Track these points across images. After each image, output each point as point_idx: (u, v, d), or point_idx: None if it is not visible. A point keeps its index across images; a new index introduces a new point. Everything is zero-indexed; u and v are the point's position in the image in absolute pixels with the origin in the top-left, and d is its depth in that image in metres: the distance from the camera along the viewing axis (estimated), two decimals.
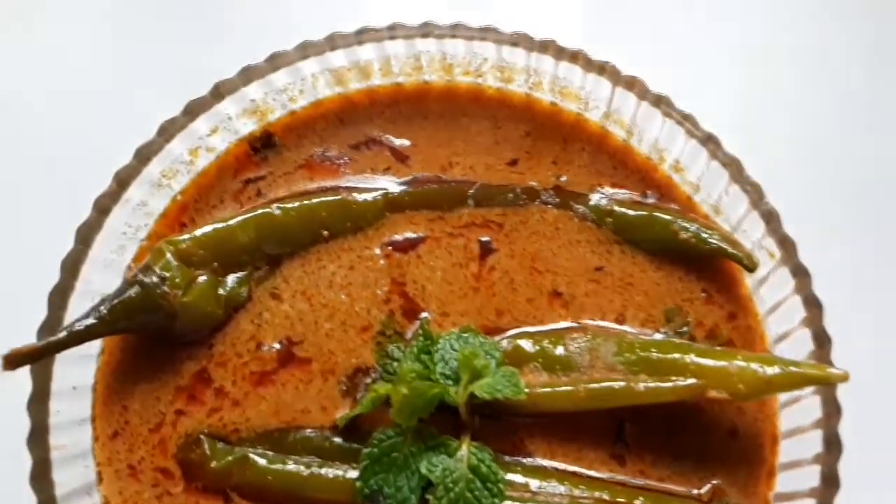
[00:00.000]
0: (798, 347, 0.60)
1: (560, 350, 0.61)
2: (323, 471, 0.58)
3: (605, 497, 0.57)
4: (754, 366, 0.56)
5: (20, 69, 0.81)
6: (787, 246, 0.61)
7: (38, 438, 0.54)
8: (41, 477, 0.53)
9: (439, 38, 0.65)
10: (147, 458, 0.59)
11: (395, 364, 0.61)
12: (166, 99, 0.61)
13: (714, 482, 0.59)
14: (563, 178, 0.67)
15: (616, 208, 0.65)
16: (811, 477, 0.56)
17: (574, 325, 0.63)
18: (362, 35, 0.65)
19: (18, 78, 0.81)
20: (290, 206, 0.64)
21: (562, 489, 0.57)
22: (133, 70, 0.80)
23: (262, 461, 0.58)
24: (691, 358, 0.57)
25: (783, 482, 0.59)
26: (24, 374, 0.56)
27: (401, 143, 0.68)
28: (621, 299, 0.64)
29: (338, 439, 0.60)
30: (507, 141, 0.68)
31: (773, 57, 0.84)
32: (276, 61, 0.64)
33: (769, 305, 0.62)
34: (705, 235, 0.63)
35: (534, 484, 0.58)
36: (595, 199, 0.66)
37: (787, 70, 0.84)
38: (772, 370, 0.56)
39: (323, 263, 0.64)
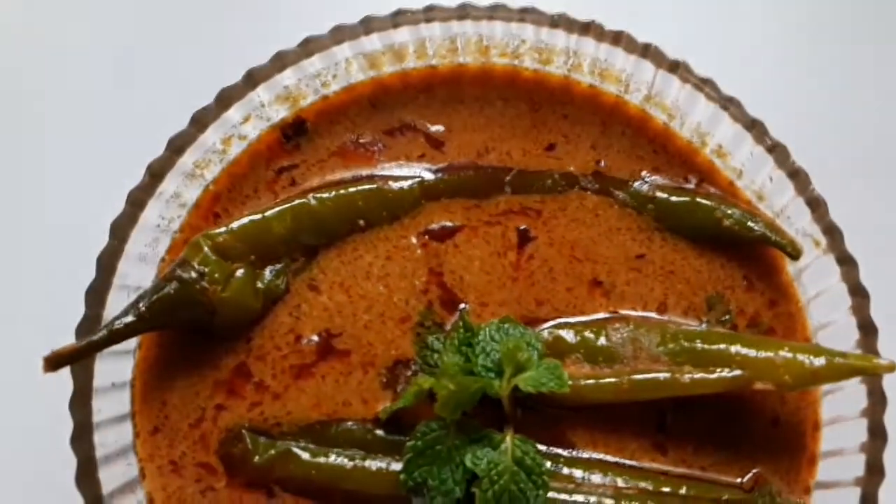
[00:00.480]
0: (841, 336, 0.60)
1: (602, 340, 0.60)
2: (366, 463, 0.59)
3: (649, 487, 0.58)
4: (801, 357, 0.56)
5: (51, 60, 0.79)
6: (833, 234, 0.60)
7: (82, 438, 0.54)
8: (87, 476, 0.54)
9: (476, 19, 0.63)
10: (189, 453, 0.59)
11: (436, 356, 0.61)
12: (198, 88, 0.59)
13: (756, 470, 0.60)
14: (603, 164, 0.66)
15: (658, 194, 0.65)
16: (854, 466, 0.57)
17: (615, 314, 0.62)
18: (398, 18, 0.63)
19: (49, 70, 0.79)
20: (325, 195, 0.63)
21: (605, 480, 0.58)
22: (165, 59, 0.78)
23: (304, 455, 0.59)
24: (737, 349, 0.57)
25: (824, 470, 0.60)
26: (62, 372, 0.56)
27: (435, 128, 0.66)
28: (663, 287, 0.63)
29: (380, 432, 0.60)
30: (545, 125, 0.67)
31: (826, 41, 0.82)
32: (309, 46, 0.62)
33: (811, 294, 0.62)
34: (749, 222, 0.62)
35: (577, 475, 0.58)
36: (636, 185, 0.65)
37: (838, 54, 0.81)
38: (818, 361, 0.56)
39: (360, 253, 0.64)
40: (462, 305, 0.63)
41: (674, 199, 0.64)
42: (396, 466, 0.58)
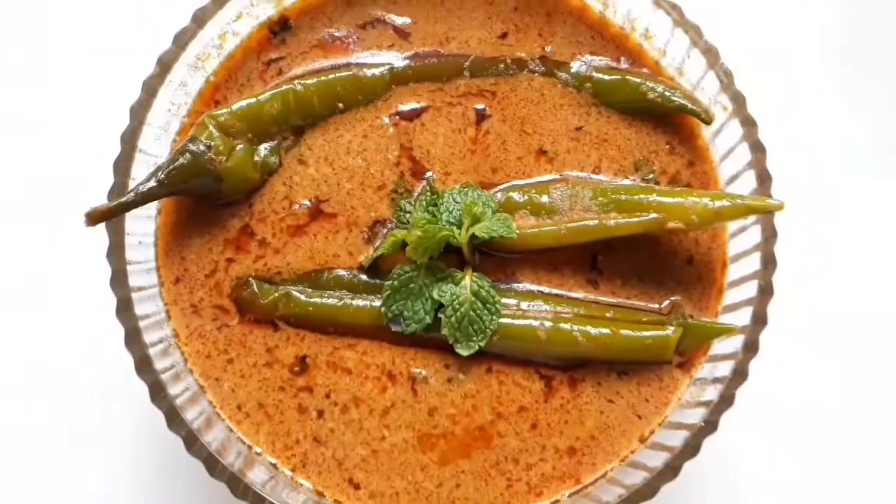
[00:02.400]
0: (745, 186, 0.70)
1: (545, 198, 0.72)
2: (353, 301, 0.70)
3: (582, 312, 0.70)
4: (705, 200, 0.67)
5: None
6: (738, 100, 0.70)
7: (119, 280, 0.65)
8: (125, 310, 0.65)
9: None
10: (206, 298, 0.71)
11: (408, 215, 0.72)
12: None
13: (673, 298, 0.72)
14: (548, 49, 0.76)
15: (594, 74, 0.74)
16: (751, 290, 0.69)
17: (557, 177, 0.73)
18: None
19: None
20: (308, 82, 0.72)
21: (546, 307, 0.70)
22: None
23: (302, 296, 0.70)
24: (653, 197, 0.68)
25: (729, 297, 0.71)
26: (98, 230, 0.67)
27: (402, 21, 0.75)
28: (597, 154, 0.74)
29: (363, 276, 0.71)
30: (498, 16, 0.76)
31: None
32: None
33: (722, 153, 0.72)
34: (669, 94, 0.72)
35: (524, 305, 0.70)
36: (576, 66, 0.75)
37: None
38: (720, 203, 0.67)
39: (340, 133, 0.74)
40: (429, 174, 0.73)
41: (607, 77, 0.74)
42: (377, 303, 0.70)
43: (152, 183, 0.66)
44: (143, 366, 0.64)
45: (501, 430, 0.69)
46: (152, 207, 0.70)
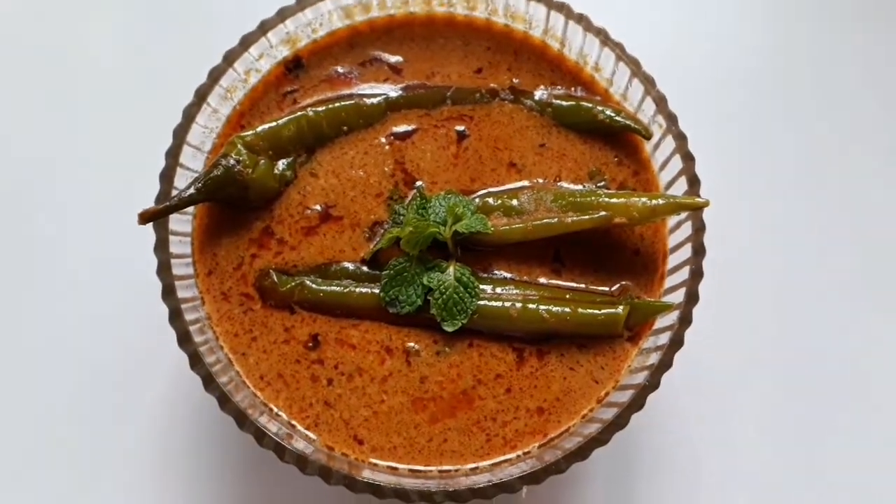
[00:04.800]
0: (680, 189, 0.84)
1: (515, 202, 0.83)
2: (357, 289, 0.81)
3: (547, 295, 0.82)
4: (644, 199, 0.80)
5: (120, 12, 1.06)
6: (671, 119, 0.82)
7: (165, 270, 0.77)
8: (170, 294, 0.77)
9: None
10: (234, 287, 0.83)
11: (401, 217, 0.82)
12: (228, 35, 0.83)
13: (623, 283, 0.84)
14: (516, 81, 0.88)
15: (554, 101, 0.87)
16: (685, 274, 0.82)
17: (525, 184, 0.85)
18: None
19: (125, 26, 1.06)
20: (318, 109, 0.84)
21: (517, 291, 0.81)
22: (203, 15, 1.05)
23: (314, 285, 0.81)
24: (602, 199, 0.80)
25: (669, 281, 0.83)
26: (146, 230, 0.80)
27: (395, 59, 0.89)
28: (558, 165, 0.86)
29: (365, 268, 0.82)
30: (474, 55, 0.87)
31: None
32: (302, 3, 0.82)
33: (661, 162, 0.85)
34: (616, 116, 0.84)
35: (498, 289, 0.81)
36: (538, 94, 0.88)
37: None
38: (656, 201, 0.79)
39: (345, 150, 0.86)
40: (418, 183, 0.84)
41: (565, 103, 0.86)
42: (376, 289, 0.80)
43: (191, 190, 0.79)
44: (184, 339, 0.76)
45: (481, 394, 0.81)
46: (189, 212, 0.82)
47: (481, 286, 0.81)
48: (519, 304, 0.81)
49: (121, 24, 1.06)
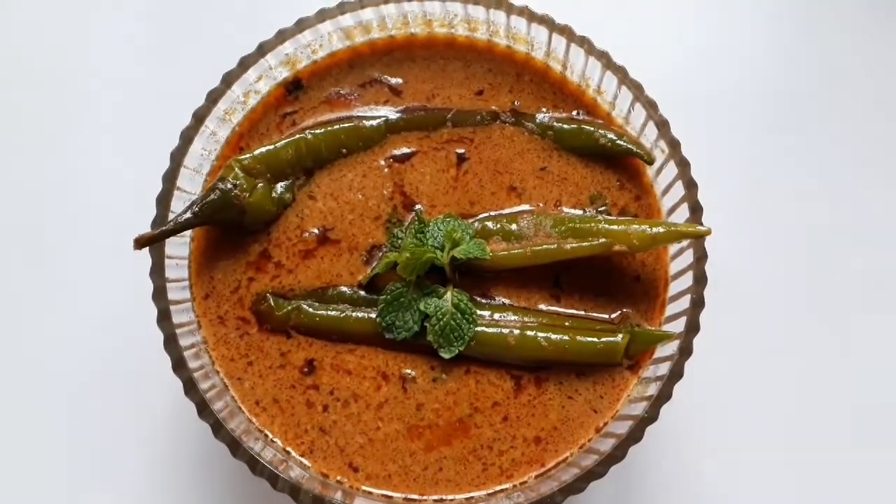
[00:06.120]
0: (682, 216, 0.83)
1: (514, 226, 0.83)
2: (353, 313, 0.81)
3: (546, 322, 0.82)
4: (644, 227, 0.79)
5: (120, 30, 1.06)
6: (673, 145, 0.81)
7: (160, 294, 0.77)
8: (165, 319, 0.77)
9: (422, 0, 0.85)
10: (231, 310, 0.83)
11: (399, 241, 0.83)
12: (227, 56, 0.83)
13: (623, 310, 0.83)
14: (517, 103, 0.88)
15: (555, 124, 0.86)
16: (686, 303, 0.81)
17: (524, 209, 0.85)
18: (364, 1, 0.84)
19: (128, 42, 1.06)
20: (318, 132, 0.85)
21: (515, 318, 0.81)
22: (203, 36, 1.05)
23: (310, 309, 0.81)
24: (602, 225, 0.80)
25: (670, 309, 0.82)
26: (142, 254, 0.80)
27: (396, 81, 0.89)
28: (558, 190, 0.86)
29: (362, 292, 0.82)
30: (475, 77, 0.88)
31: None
32: (301, 25, 0.83)
33: (663, 188, 0.84)
34: (618, 140, 0.84)
35: (496, 315, 0.81)
36: (540, 117, 0.88)
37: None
38: (656, 229, 0.79)
39: (344, 173, 0.86)
40: (417, 207, 0.84)
41: (567, 127, 0.86)
42: (373, 314, 0.81)
43: (188, 214, 0.79)
44: (179, 365, 0.76)
45: (478, 422, 0.80)
46: (187, 235, 0.82)
47: (479, 312, 0.81)
48: (517, 332, 0.80)
49: (118, 48, 1.06)
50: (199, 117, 0.82)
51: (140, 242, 0.76)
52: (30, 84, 1.05)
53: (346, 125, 0.85)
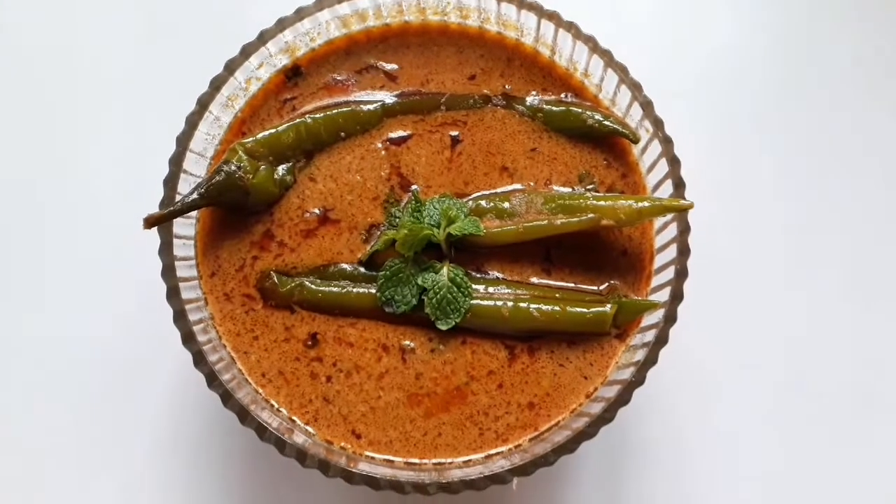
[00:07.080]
0: (666, 192, 0.86)
1: (506, 205, 0.86)
2: (354, 289, 0.84)
3: (537, 294, 0.85)
4: (630, 202, 0.83)
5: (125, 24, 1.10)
6: (658, 123, 0.85)
7: (169, 272, 0.81)
8: (174, 296, 0.80)
9: None
10: (236, 288, 0.86)
11: (397, 220, 0.86)
12: (229, 44, 0.86)
13: (611, 282, 0.87)
14: (508, 87, 0.91)
15: (545, 106, 0.90)
16: (670, 274, 0.84)
17: (516, 188, 0.88)
18: None
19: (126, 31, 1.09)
20: (317, 116, 0.87)
21: (509, 291, 0.85)
22: (206, 24, 1.09)
23: (313, 286, 0.84)
24: (590, 202, 0.83)
25: (656, 280, 0.86)
26: (151, 233, 0.83)
27: (391, 67, 0.92)
28: (548, 169, 0.89)
29: (362, 269, 0.85)
30: (468, 62, 0.90)
31: None
32: (301, 13, 0.85)
33: (648, 165, 0.88)
34: (605, 120, 0.87)
35: (491, 289, 0.84)
36: (530, 100, 0.91)
37: None
38: (642, 203, 0.82)
39: (343, 156, 0.89)
40: (414, 187, 0.87)
41: (556, 109, 0.89)
42: (373, 289, 0.83)
43: (195, 195, 0.82)
44: (188, 339, 0.79)
45: (474, 390, 0.84)
46: (193, 216, 0.85)
47: (474, 286, 0.84)
48: (510, 304, 0.83)
49: (124, 35, 1.10)
50: (204, 103, 0.85)
51: (149, 222, 0.80)
52: (33, 72, 1.08)
53: (344, 110, 0.88)
